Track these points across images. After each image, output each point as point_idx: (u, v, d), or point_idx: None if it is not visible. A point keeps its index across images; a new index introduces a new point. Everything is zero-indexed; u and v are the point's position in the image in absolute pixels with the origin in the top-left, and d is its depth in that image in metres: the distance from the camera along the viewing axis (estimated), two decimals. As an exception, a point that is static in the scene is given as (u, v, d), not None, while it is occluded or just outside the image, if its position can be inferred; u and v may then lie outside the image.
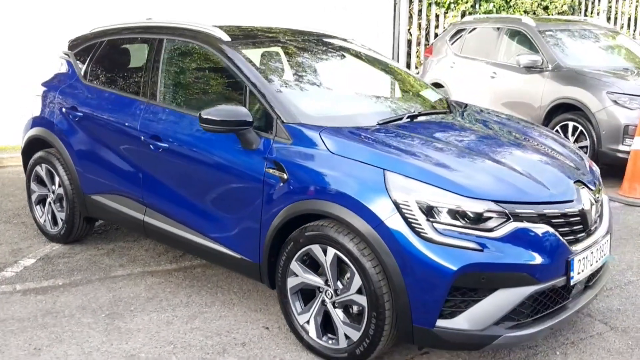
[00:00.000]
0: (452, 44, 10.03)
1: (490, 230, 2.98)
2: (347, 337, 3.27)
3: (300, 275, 3.40)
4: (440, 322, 2.99)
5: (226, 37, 4.04)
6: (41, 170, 5.13)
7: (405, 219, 2.98)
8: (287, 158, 3.43)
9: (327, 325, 3.39)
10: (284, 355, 3.47)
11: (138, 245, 5.14)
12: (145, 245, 5.12)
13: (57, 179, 4.98)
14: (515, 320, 3.04)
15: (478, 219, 2.98)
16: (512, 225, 3.00)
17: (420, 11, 12.14)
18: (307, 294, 3.46)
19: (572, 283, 3.16)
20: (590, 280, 3.48)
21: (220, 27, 4.21)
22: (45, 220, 5.20)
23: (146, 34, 4.55)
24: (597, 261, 3.37)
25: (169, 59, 4.30)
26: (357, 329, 3.21)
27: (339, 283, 3.26)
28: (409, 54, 12.00)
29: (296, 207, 3.35)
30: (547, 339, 3.63)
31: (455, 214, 2.97)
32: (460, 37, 9.95)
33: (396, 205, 3.01)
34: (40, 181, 5.20)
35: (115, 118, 4.44)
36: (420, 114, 3.95)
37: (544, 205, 3.11)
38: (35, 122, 5.16)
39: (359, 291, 3.15)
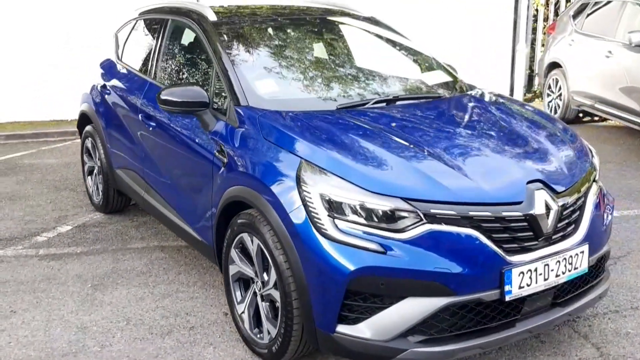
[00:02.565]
0: (576, 20, 9.07)
1: (400, 231, 2.66)
2: (268, 332, 3.12)
3: (237, 264, 3.29)
4: (342, 328, 2.73)
5: (212, 17, 3.98)
6: (88, 143, 5.46)
7: (308, 213, 2.75)
8: (228, 142, 3.32)
9: (260, 318, 3.26)
10: (219, 344, 3.39)
11: (168, 220, 5.30)
12: (173, 221, 5.26)
13: (97, 153, 5.27)
14: (426, 334, 2.70)
15: (386, 218, 2.67)
16: (426, 227, 2.65)
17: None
18: (248, 283, 3.34)
19: (507, 298, 2.73)
20: (559, 297, 2.99)
21: (216, 7, 4.16)
22: (92, 190, 5.54)
23: (161, 14, 4.62)
24: (558, 275, 2.87)
25: (169, 38, 4.34)
26: (275, 326, 3.05)
27: (265, 275, 3.11)
28: (534, 30, 11.05)
29: (231, 193, 3.24)
30: None
31: (360, 210, 2.69)
32: (584, 11, 8.96)
33: (302, 197, 2.79)
34: (89, 153, 5.54)
35: (128, 96, 4.59)
36: (397, 99, 3.61)
37: (471, 207, 2.70)
38: (84, 99, 5.48)
39: (275, 286, 2.98)
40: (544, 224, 2.81)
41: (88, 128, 5.43)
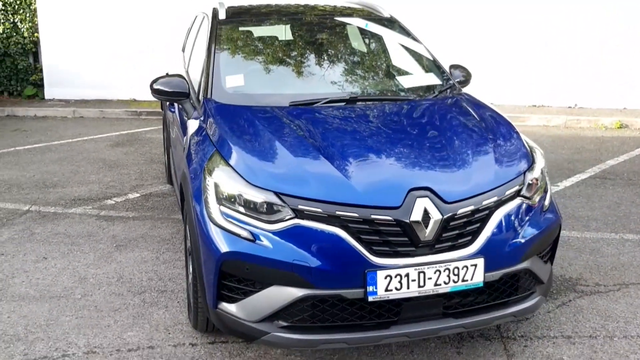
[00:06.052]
0: None
1: (272, 222, 2.87)
2: (195, 302, 3.49)
3: (187, 239, 3.69)
4: (222, 306, 3.02)
5: (222, 15, 4.37)
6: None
7: (205, 199, 3.07)
8: (189, 130, 3.71)
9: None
10: (172, 308, 3.82)
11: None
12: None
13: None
14: (288, 321, 2.89)
15: (263, 209, 2.89)
16: (293, 222, 2.83)
17: None
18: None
19: (371, 299, 2.81)
20: (451, 308, 2.98)
21: (237, 6, 4.55)
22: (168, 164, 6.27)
23: (205, 11, 5.11)
24: (439, 284, 2.86)
25: (199, 33, 4.83)
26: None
27: (196, 252, 3.47)
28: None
29: (180, 175, 3.64)
30: (414, 362, 3.23)
31: (241, 200, 2.94)
32: None
33: (204, 183, 3.11)
34: (168, 132, 6.26)
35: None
36: (356, 99, 3.73)
37: (339, 207, 2.81)
38: (165, 82, 6.19)
39: (194, 261, 3.34)
40: (421, 232, 2.83)
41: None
